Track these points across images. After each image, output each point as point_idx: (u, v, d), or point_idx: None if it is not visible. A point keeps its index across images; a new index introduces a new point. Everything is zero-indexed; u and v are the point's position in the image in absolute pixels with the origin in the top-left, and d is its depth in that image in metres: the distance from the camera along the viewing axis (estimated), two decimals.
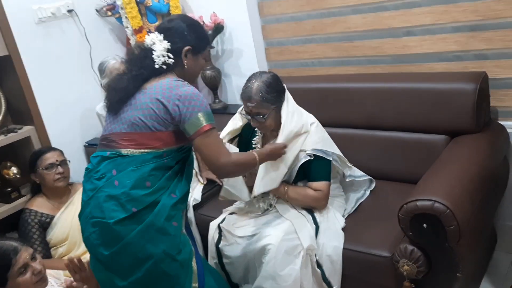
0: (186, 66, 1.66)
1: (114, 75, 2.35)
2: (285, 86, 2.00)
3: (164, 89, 1.57)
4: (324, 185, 1.97)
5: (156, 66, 1.61)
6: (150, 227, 1.53)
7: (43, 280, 1.64)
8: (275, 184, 1.95)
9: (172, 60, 1.62)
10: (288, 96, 1.99)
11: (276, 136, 1.95)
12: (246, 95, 1.92)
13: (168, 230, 1.56)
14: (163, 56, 1.61)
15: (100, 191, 1.56)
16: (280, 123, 1.94)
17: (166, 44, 1.61)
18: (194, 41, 1.66)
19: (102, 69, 2.53)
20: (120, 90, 1.61)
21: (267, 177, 1.94)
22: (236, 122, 2.17)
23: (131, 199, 1.53)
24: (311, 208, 2.01)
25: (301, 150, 1.96)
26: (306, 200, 1.99)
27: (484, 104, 2.12)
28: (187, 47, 1.64)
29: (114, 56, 2.60)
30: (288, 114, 1.94)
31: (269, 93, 1.90)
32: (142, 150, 1.56)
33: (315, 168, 1.97)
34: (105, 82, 2.50)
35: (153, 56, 1.61)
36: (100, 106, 2.67)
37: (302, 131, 1.97)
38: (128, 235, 1.51)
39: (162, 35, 1.62)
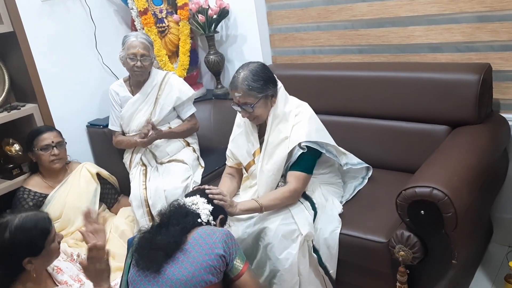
0: None
1: (130, 54, 2.43)
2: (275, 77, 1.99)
3: (209, 239, 1.58)
4: (303, 177, 1.94)
5: (203, 222, 1.68)
6: None
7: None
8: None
9: (214, 223, 1.72)
10: (280, 85, 2.01)
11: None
12: (233, 85, 1.94)
13: None
14: (208, 216, 1.71)
15: None
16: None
17: (209, 207, 1.73)
18: (225, 213, 1.81)
19: (123, 42, 2.50)
20: (168, 245, 1.56)
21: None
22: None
23: None
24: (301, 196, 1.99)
25: (295, 145, 1.93)
26: (282, 203, 1.94)
27: (486, 95, 2.12)
28: (221, 216, 1.77)
29: (137, 34, 2.51)
30: (281, 97, 1.98)
31: (255, 81, 1.90)
32: None
33: (301, 159, 1.94)
34: (121, 55, 2.49)
35: (199, 213, 1.69)
36: (116, 85, 2.62)
37: (291, 115, 1.98)
38: None
39: (205, 199, 1.74)
